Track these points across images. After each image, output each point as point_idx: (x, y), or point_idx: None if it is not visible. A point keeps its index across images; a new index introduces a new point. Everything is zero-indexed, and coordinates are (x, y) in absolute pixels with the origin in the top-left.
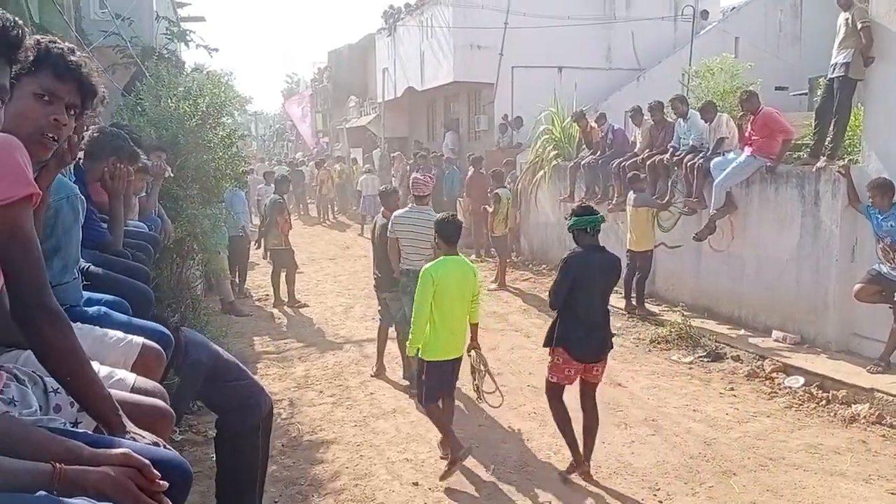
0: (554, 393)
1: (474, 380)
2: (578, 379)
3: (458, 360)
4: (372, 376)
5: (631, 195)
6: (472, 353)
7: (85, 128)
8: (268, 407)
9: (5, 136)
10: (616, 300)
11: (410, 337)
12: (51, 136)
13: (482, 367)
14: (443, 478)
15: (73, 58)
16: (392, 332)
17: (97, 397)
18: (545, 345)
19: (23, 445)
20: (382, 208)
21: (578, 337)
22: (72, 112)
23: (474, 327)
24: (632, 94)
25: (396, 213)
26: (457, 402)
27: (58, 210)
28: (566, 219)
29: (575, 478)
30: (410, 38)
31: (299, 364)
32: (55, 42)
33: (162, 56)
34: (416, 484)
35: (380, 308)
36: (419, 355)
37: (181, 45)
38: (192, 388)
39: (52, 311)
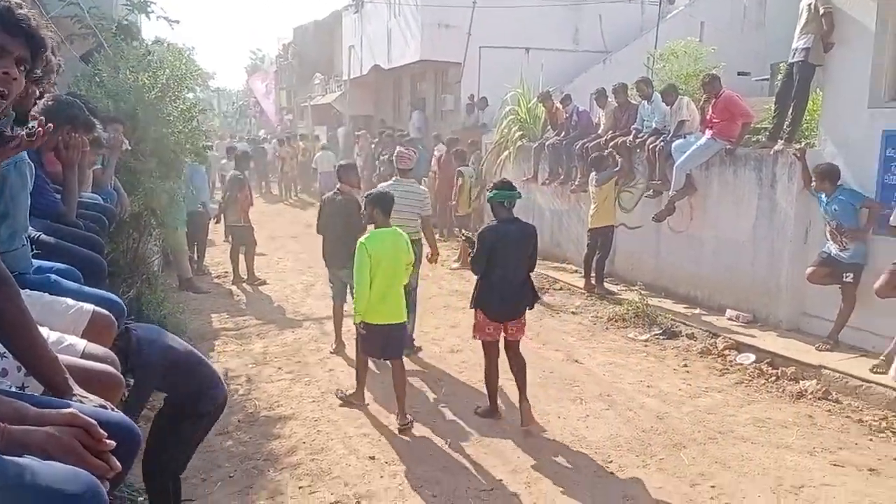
0: (488, 349)
1: None
2: (502, 335)
3: (395, 326)
4: (331, 353)
5: (593, 175)
6: None
7: (40, 96)
8: (223, 398)
9: None
10: (576, 279)
11: (355, 306)
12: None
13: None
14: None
15: (21, 11)
16: (349, 308)
17: (43, 360)
18: (470, 307)
19: None
20: (339, 184)
21: (492, 300)
22: (21, 68)
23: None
24: (598, 76)
25: (382, 185)
26: (414, 383)
27: (5, 176)
28: (487, 191)
29: (527, 445)
30: (378, 16)
31: (258, 341)
32: None
33: (122, 26)
34: (372, 458)
35: (332, 284)
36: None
37: (142, 16)
38: (147, 391)
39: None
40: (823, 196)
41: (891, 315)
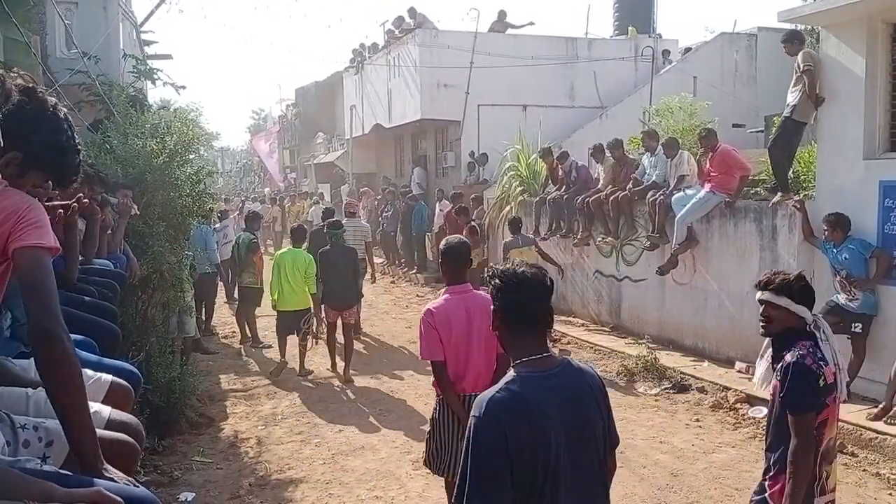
0: (329, 328)
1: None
2: (340, 321)
3: (298, 312)
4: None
5: (510, 239)
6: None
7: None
8: None
9: (36, 200)
10: (582, 333)
11: (271, 296)
12: None
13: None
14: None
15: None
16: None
17: (86, 430)
18: (319, 303)
19: None
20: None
21: (330, 296)
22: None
23: (312, 296)
24: (595, 131)
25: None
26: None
27: None
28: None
29: None
30: (378, 76)
31: (267, 401)
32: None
33: (132, 96)
34: None
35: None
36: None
37: (148, 82)
38: None
39: (67, 331)
40: (832, 246)
41: None
